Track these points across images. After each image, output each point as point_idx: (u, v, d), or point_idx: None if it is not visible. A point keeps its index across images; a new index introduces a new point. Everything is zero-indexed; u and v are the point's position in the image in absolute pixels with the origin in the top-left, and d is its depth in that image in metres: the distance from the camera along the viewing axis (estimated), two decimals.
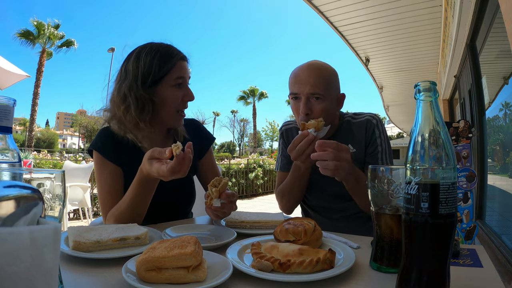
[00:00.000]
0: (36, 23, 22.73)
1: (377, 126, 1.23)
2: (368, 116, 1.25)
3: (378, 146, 1.21)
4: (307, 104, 1.13)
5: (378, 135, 1.22)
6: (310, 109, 1.13)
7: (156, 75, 1.09)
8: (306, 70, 1.16)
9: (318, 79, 1.13)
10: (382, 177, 0.64)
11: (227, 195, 0.96)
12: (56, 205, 0.47)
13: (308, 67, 1.16)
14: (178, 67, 1.12)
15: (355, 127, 1.25)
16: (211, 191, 0.93)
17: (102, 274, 0.61)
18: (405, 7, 4.32)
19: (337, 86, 1.21)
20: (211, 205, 0.94)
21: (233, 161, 10.01)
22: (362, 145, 1.22)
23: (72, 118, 74.47)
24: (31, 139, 22.89)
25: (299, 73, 1.16)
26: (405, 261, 0.52)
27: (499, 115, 3.06)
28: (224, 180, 0.95)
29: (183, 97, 1.13)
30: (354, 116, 1.29)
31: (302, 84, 1.13)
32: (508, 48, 1.84)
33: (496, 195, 3.23)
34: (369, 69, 6.97)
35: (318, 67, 1.16)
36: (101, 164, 1.11)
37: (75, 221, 4.94)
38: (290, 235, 0.75)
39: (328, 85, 1.15)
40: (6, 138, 0.57)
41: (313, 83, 1.12)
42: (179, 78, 1.11)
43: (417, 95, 0.52)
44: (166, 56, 1.11)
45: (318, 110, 1.13)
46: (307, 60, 1.23)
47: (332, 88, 1.17)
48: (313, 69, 1.15)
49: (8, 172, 0.54)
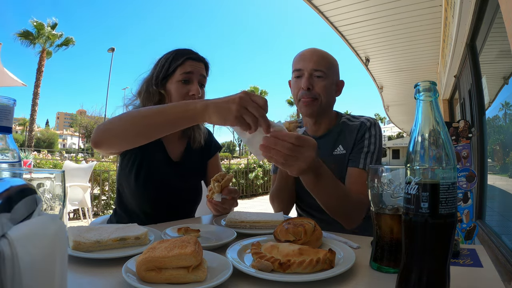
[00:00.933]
0: (35, 24, 22.73)
1: (370, 129, 1.21)
2: (364, 119, 1.24)
3: (364, 147, 1.18)
4: (309, 79, 1.18)
5: (368, 137, 1.19)
6: (312, 85, 1.18)
7: (166, 72, 1.19)
8: (310, 50, 1.24)
9: (322, 59, 1.20)
10: (382, 177, 0.64)
11: (229, 191, 0.99)
12: (56, 205, 0.47)
13: (312, 49, 1.25)
14: (186, 64, 1.19)
15: (349, 129, 1.24)
16: (213, 185, 0.94)
17: (102, 274, 0.61)
18: (405, 7, 4.32)
19: (337, 72, 1.27)
20: (212, 198, 0.95)
21: (233, 161, 10.02)
22: (351, 146, 1.21)
23: (72, 118, 74.49)
24: (31, 139, 22.87)
25: (304, 52, 1.24)
26: (405, 261, 0.52)
27: (499, 115, 3.06)
28: (228, 176, 0.96)
29: (188, 92, 1.18)
30: (351, 118, 1.29)
31: (306, 61, 1.20)
32: (508, 48, 1.84)
33: (496, 195, 3.23)
34: (369, 69, 6.98)
35: (323, 52, 1.24)
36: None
37: (75, 221, 4.94)
38: (290, 235, 0.75)
39: (330, 66, 1.21)
40: (6, 138, 0.57)
41: (317, 60, 1.19)
42: (185, 73, 1.18)
43: (417, 95, 0.52)
44: (178, 55, 1.20)
45: (320, 86, 1.18)
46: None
47: (333, 70, 1.23)
48: (317, 51, 1.24)
49: (8, 172, 0.54)
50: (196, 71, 1.20)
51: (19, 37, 22.68)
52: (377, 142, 1.19)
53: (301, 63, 1.21)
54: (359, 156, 1.17)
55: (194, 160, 1.31)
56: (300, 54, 1.24)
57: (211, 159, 1.39)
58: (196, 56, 1.22)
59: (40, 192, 0.45)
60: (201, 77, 1.22)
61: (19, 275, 0.28)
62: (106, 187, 5.65)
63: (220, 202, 0.96)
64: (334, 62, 1.24)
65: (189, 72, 1.18)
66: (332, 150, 1.23)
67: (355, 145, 1.20)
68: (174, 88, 1.18)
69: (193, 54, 1.22)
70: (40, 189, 0.46)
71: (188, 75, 1.18)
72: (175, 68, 1.18)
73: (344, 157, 1.21)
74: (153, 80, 1.20)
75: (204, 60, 1.25)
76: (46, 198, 0.46)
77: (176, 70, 1.18)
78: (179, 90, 1.17)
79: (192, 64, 1.20)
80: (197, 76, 1.21)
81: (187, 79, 1.18)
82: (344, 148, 1.22)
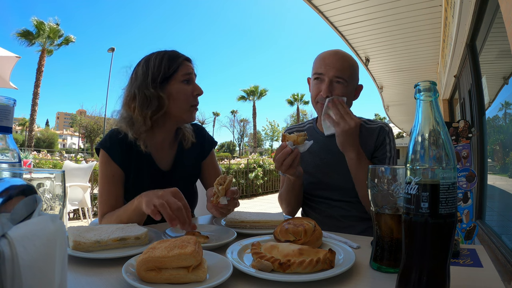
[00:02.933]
0: (36, 23, 22.72)
1: (389, 134, 1.29)
2: (382, 124, 1.32)
3: (387, 152, 1.26)
4: (329, 87, 1.19)
5: (388, 142, 1.27)
6: (331, 92, 1.20)
7: (166, 73, 1.16)
8: (333, 55, 1.23)
9: (344, 66, 1.21)
10: (382, 177, 0.64)
11: (232, 192, 1.00)
12: (56, 205, 0.47)
13: (335, 53, 1.24)
14: (185, 65, 1.19)
15: (367, 131, 1.30)
16: (218, 189, 0.94)
17: (102, 274, 0.61)
18: (405, 7, 4.32)
19: (357, 77, 1.28)
20: (218, 203, 0.95)
21: (233, 161, 10.01)
22: (370, 148, 1.27)
23: (72, 118, 74.52)
24: (31, 139, 22.86)
25: (326, 56, 1.24)
26: (405, 261, 0.52)
27: (499, 115, 3.07)
28: (229, 178, 0.96)
29: (192, 91, 1.18)
30: (367, 121, 1.35)
31: (329, 66, 1.20)
32: (508, 48, 1.84)
33: (496, 195, 3.23)
34: (369, 69, 6.97)
35: (345, 55, 1.24)
36: (106, 164, 1.15)
37: (75, 221, 4.94)
38: (290, 235, 0.75)
39: (352, 73, 1.23)
40: (6, 138, 0.57)
41: (339, 67, 1.19)
42: (186, 74, 1.18)
43: (417, 95, 0.52)
44: (173, 57, 1.19)
45: (339, 93, 1.20)
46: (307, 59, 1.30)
47: (354, 77, 1.25)
48: (341, 56, 1.23)
49: (8, 172, 0.54)
50: (193, 71, 1.22)
51: (18, 36, 22.68)
52: (394, 146, 1.30)
53: (323, 68, 1.21)
54: (384, 162, 1.26)
55: (187, 163, 1.28)
56: (323, 57, 1.24)
57: (206, 159, 1.35)
58: (188, 58, 1.24)
59: (40, 192, 0.45)
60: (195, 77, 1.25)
61: (19, 275, 0.28)
62: None
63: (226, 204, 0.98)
64: (356, 68, 1.26)
65: (190, 73, 1.19)
66: None
67: (377, 147, 1.28)
68: (176, 89, 1.17)
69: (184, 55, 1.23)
70: (40, 189, 0.46)
71: (189, 75, 1.19)
72: (176, 69, 1.17)
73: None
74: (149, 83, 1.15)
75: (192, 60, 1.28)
76: (46, 198, 0.46)
77: (178, 71, 1.17)
78: (183, 91, 1.17)
79: (188, 64, 1.21)
80: (195, 76, 1.23)
81: (188, 79, 1.19)
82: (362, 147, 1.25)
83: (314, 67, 1.26)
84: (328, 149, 1.30)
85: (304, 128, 1.43)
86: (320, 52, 1.29)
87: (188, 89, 1.18)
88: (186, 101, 1.17)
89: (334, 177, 1.27)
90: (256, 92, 39.27)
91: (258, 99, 39.72)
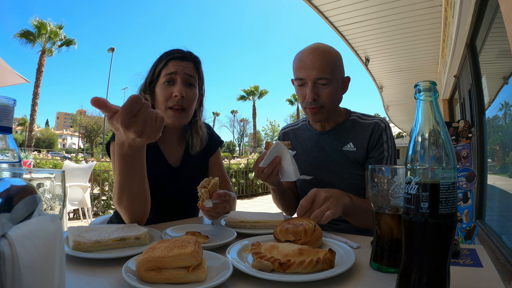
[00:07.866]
0: (37, 23, 22.70)
1: (385, 130, 1.21)
2: (377, 120, 1.24)
3: (384, 151, 1.19)
4: (313, 89, 1.12)
5: (386, 140, 1.20)
6: (317, 94, 1.13)
7: (152, 76, 1.17)
8: (311, 54, 1.13)
9: (324, 64, 1.11)
10: (382, 177, 0.64)
11: (218, 195, 0.94)
12: (56, 205, 0.47)
13: (313, 51, 1.13)
14: (169, 65, 1.15)
15: (361, 127, 1.23)
16: (201, 192, 0.92)
17: (102, 274, 0.61)
18: (405, 7, 4.32)
19: (342, 69, 1.19)
20: (203, 206, 0.93)
21: (233, 161, 10.01)
22: (364, 146, 1.21)
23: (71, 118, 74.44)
24: (31, 139, 22.85)
25: (303, 57, 1.14)
26: (405, 261, 0.52)
27: (499, 115, 3.06)
28: (214, 180, 0.93)
29: (172, 93, 1.14)
30: (362, 116, 1.28)
31: (308, 69, 1.11)
32: (508, 48, 1.84)
33: (496, 195, 3.23)
34: (369, 69, 6.97)
35: (323, 50, 1.13)
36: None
37: (75, 221, 4.94)
38: (290, 235, 0.75)
39: (334, 69, 1.13)
40: (6, 138, 0.57)
41: (319, 67, 1.10)
42: (167, 75, 1.14)
43: (417, 95, 0.52)
44: (162, 57, 1.18)
45: (325, 94, 1.13)
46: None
47: (337, 72, 1.15)
48: (318, 53, 1.12)
49: (8, 172, 0.54)
50: (179, 70, 1.14)
51: (19, 36, 22.68)
52: (393, 144, 1.21)
53: (302, 72, 1.13)
54: (381, 162, 1.18)
55: (195, 162, 1.29)
56: (300, 60, 1.15)
57: (212, 156, 1.36)
58: (180, 55, 1.17)
59: (40, 192, 0.45)
60: (186, 76, 1.15)
61: (19, 275, 0.28)
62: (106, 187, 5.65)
63: (212, 207, 0.95)
64: (337, 61, 1.16)
65: (172, 73, 1.13)
66: (342, 146, 1.24)
67: (372, 146, 1.20)
68: (158, 91, 1.14)
69: (177, 53, 1.17)
70: (40, 189, 0.46)
71: (171, 76, 1.13)
72: (160, 71, 1.15)
73: (354, 155, 1.22)
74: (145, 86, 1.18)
75: (191, 58, 1.19)
76: (46, 198, 0.46)
77: (161, 73, 1.15)
78: (162, 93, 1.13)
79: (175, 64, 1.15)
80: (181, 75, 1.14)
81: (170, 80, 1.14)
82: (354, 146, 1.22)
83: (294, 70, 1.17)
84: (320, 147, 1.27)
85: (297, 126, 1.41)
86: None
87: (167, 91, 1.13)
88: (163, 103, 1.13)
89: (327, 175, 1.24)
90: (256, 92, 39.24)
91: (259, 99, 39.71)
